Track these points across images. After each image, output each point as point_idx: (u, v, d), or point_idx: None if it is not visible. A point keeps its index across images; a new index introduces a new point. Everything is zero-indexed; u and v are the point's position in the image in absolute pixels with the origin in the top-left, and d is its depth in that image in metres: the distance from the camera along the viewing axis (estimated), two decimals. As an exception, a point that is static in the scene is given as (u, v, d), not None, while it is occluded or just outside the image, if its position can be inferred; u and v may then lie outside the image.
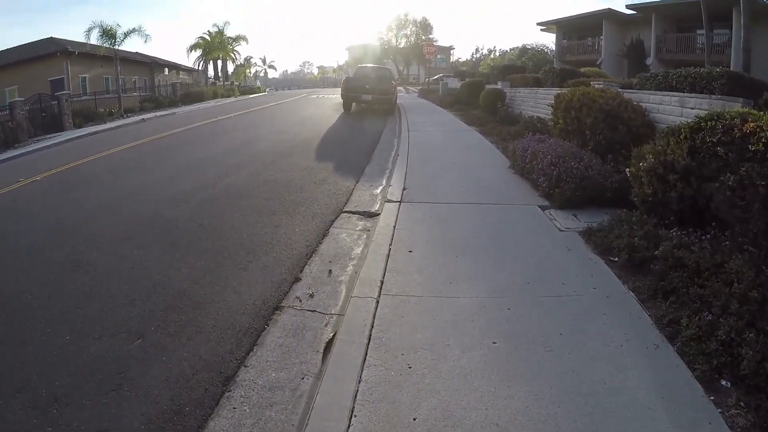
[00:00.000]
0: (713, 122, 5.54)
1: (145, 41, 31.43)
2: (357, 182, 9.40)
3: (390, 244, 5.81)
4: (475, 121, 16.40)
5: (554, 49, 40.91)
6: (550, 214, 6.98)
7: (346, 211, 7.63)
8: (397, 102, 23.38)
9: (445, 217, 6.91)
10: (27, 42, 34.99)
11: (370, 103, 20.72)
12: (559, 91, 11.01)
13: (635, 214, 6.01)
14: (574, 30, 37.84)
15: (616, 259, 5.29)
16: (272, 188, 8.90)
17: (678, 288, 4.30)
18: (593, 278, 4.95)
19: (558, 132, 9.80)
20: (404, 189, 8.21)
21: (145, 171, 10.53)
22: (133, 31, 29.01)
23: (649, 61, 29.74)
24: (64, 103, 21.74)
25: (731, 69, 19.91)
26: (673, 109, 8.13)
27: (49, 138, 17.87)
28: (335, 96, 26.81)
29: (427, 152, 11.44)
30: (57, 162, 11.83)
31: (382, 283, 4.86)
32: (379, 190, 8.79)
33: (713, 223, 5.12)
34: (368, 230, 6.75)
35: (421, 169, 9.63)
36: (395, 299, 4.54)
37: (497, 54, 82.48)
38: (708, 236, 4.98)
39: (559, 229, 6.42)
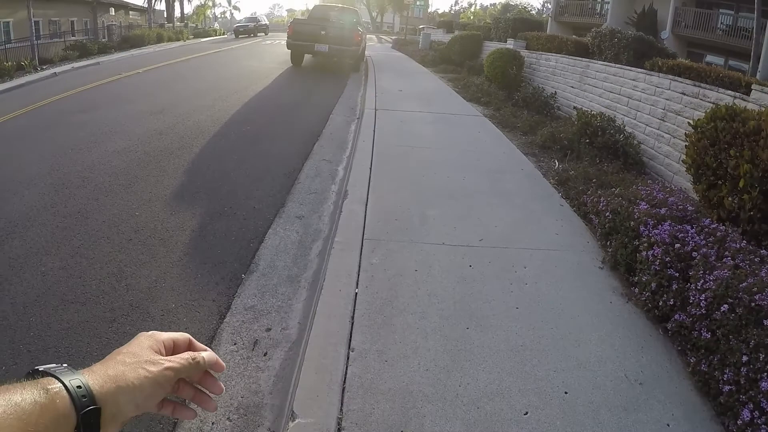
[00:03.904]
0: None
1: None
2: (214, 333, 3.04)
3: None
4: (480, 95, 9.84)
5: (548, 7, 33.53)
6: None
7: None
8: (366, 54, 16.59)
9: None
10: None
11: (327, 56, 14.04)
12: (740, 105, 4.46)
13: None
14: (574, -13, 30.38)
15: None
16: None
17: None
18: None
19: (723, 197, 3.50)
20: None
21: None
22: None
23: (665, 35, 23.19)
24: (-39, 57, 16.32)
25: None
26: None
27: None
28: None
29: (414, 182, 4.94)
30: None
31: None
32: None
33: None
34: None
35: (404, 279, 3.25)
36: None
37: (478, 7, 73.75)
38: None
39: None
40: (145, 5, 41.49)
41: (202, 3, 48.29)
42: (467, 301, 3.05)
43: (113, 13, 37.90)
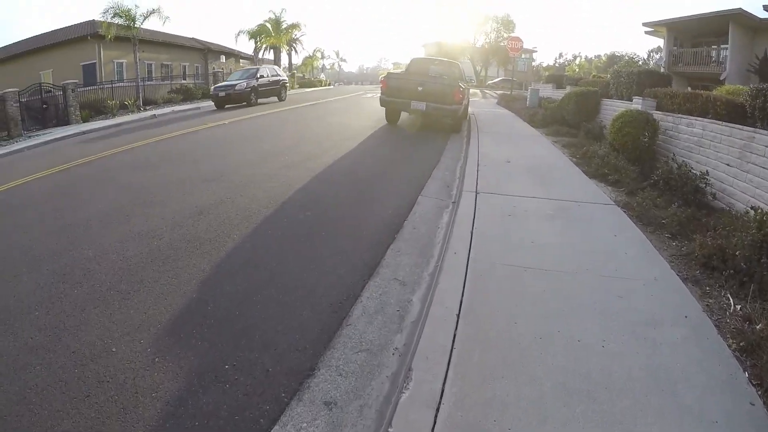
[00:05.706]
0: None
1: (164, 23, 26.14)
2: None
3: None
4: (605, 171, 7.75)
5: (654, 57, 30.33)
6: None
7: None
8: (469, 111, 15.10)
9: None
10: (70, 24, 30.29)
11: (424, 115, 12.55)
12: None
13: None
14: (687, 35, 26.66)
15: None
16: None
17: None
18: None
19: None
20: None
21: None
22: (153, 12, 22.54)
23: (790, 83, 19.18)
24: (69, 93, 18.07)
25: None
26: None
27: (34, 136, 14.93)
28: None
29: (525, 354, 3.10)
30: None
31: None
32: None
33: None
34: None
35: None
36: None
37: (582, 59, 70.97)
38: None
39: None
40: (252, 54, 43.14)
41: (311, 55, 49.73)
42: None
43: (224, 60, 39.72)
